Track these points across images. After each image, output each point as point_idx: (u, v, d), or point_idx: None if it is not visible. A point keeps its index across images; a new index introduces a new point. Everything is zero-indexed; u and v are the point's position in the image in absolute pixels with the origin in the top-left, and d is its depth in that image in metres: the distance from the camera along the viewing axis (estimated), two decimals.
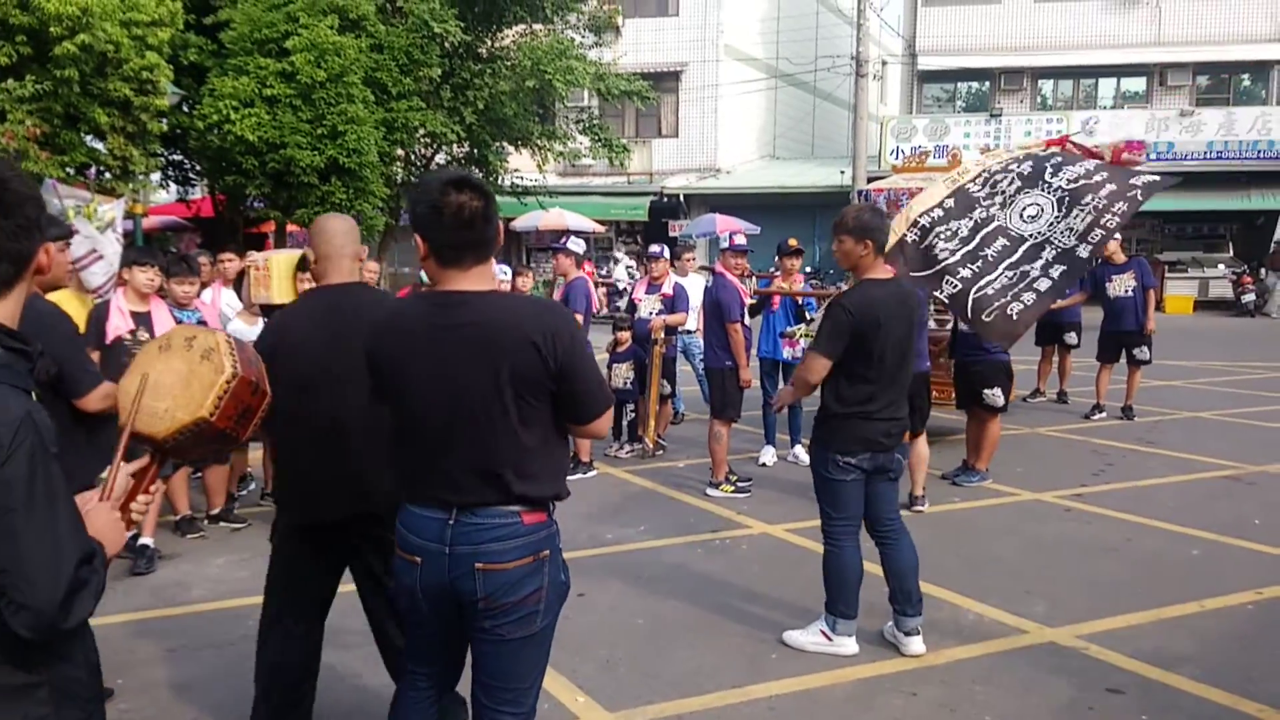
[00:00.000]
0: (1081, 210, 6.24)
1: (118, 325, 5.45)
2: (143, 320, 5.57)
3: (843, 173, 25.06)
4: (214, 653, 4.52)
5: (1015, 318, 5.99)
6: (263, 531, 6.31)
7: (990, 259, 6.23)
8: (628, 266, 25.61)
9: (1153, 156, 25.16)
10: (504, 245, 26.88)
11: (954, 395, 8.07)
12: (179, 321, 5.96)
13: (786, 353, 8.08)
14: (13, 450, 1.55)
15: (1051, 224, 6.28)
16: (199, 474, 6.82)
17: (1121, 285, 9.97)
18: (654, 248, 8.88)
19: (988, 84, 28.75)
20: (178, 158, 15.91)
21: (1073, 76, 28.09)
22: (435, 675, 2.76)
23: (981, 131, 25.29)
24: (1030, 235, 6.29)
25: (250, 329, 6.76)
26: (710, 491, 7.23)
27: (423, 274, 4.06)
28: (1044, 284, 6.08)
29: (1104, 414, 10.13)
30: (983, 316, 6.05)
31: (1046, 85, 28.56)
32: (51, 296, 5.76)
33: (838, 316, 4.21)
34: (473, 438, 2.45)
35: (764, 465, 8.12)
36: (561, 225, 23.14)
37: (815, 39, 29.87)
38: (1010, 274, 6.15)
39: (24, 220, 1.68)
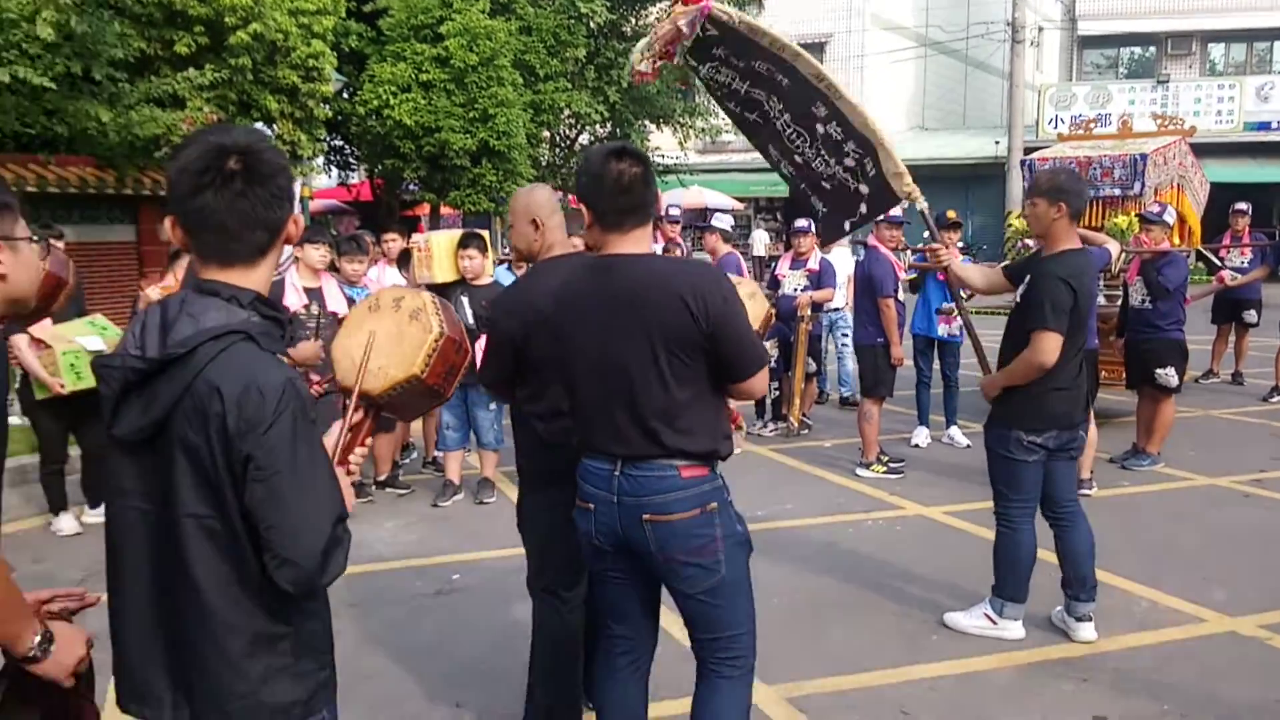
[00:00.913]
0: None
1: (292, 301, 5.75)
2: (314, 295, 5.87)
3: (997, 143, 24.15)
4: (394, 609, 4.75)
5: None
6: (425, 498, 6.62)
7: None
8: (765, 244, 25.42)
9: None
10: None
11: (1124, 375, 7.69)
12: (349, 299, 6.24)
13: (942, 329, 7.85)
14: (278, 415, 1.63)
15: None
16: None
17: None
18: (800, 222, 8.69)
19: (1153, 49, 27.15)
20: (338, 143, 16.62)
21: (1245, 40, 26.25)
22: (632, 637, 2.84)
23: (1146, 99, 23.88)
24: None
25: None
26: (860, 472, 7.13)
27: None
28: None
29: None
30: None
31: (1217, 50, 26.77)
32: None
33: (1059, 291, 3.95)
34: (630, 394, 2.55)
35: (917, 446, 7.94)
36: (701, 204, 23.11)
37: (967, 5, 28.79)
38: None
39: (277, 190, 1.76)
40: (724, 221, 8.45)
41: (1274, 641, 4.24)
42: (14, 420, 7.23)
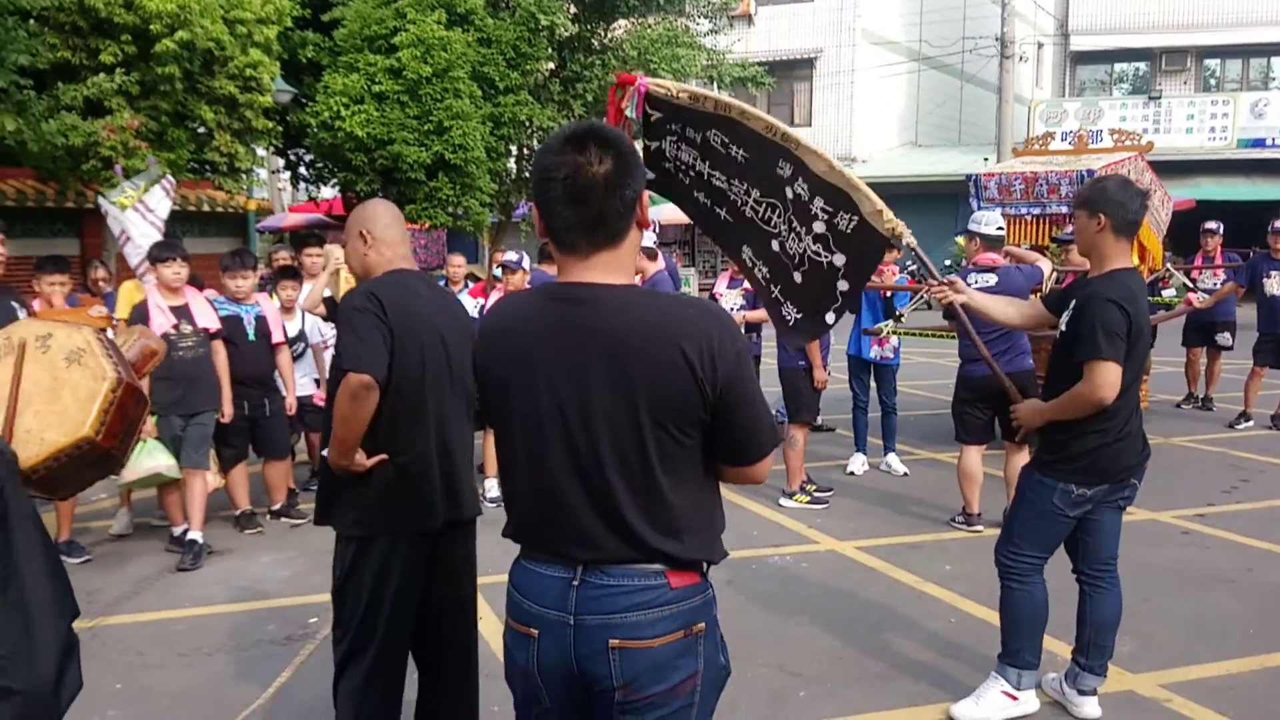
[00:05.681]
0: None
1: (160, 323, 5.43)
2: (182, 313, 5.56)
3: (985, 160, 23.77)
4: (225, 659, 4.39)
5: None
6: (320, 531, 6.27)
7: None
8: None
9: None
10: None
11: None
12: (220, 315, 5.85)
13: (874, 351, 7.49)
14: None
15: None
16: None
17: None
18: None
19: (1148, 64, 26.78)
20: (309, 156, 16.33)
21: (1242, 55, 25.84)
22: None
23: (1139, 115, 23.48)
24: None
25: (324, 324, 6.70)
26: (783, 502, 6.75)
27: (496, 271, 3.36)
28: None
29: (1251, 423, 9.08)
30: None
31: (1213, 65, 26.35)
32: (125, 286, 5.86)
33: (1110, 315, 3.38)
34: (599, 477, 1.87)
35: (852, 474, 7.56)
36: (681, 222, 22.79)
37: (963, 19, 28.45)
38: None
39: None
40: (646, 239, 8.06)
41: (1173, 704, 3.85)
42: None
